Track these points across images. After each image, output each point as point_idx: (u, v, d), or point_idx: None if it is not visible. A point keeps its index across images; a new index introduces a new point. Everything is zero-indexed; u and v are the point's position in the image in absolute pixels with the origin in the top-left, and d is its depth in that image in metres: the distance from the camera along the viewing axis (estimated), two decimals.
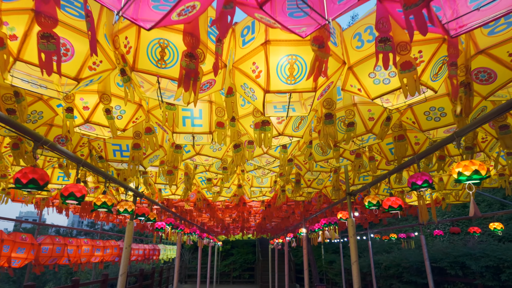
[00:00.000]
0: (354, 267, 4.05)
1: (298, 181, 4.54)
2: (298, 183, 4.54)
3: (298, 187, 4.52)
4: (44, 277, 19.14)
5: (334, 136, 2.37)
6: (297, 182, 4.54)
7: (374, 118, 2.53)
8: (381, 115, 2.51)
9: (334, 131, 2.37)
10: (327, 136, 2.37)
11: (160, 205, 5.20)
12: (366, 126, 2.55)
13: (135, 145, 2.91)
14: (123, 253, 4.05)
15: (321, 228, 6.37)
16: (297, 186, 4.53)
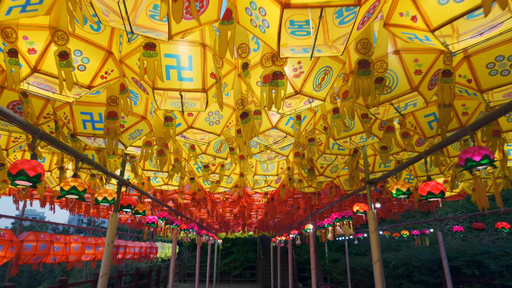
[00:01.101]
0: (376, 267, 3.44)
1: (311, 169, 3.92)
2: (312, 171, 3.92)
3: (311, 175, 3.90)
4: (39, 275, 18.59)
5: (369, 93, 1.74)
6: (310, 169, 3.92)
7: (422, 70, 1.90)
8: (433, 64, 1.88)
9: (370, 87, 1.74)
10: (359, 92, 1.75)
11: (151, 196, 4.59)
12: (410, 82, 1.92)
13: (110, 114, 2.28)
14: (104, 250, 3.44)
15: (331, 224, 5.75)
16: (311, 174, 3.91)
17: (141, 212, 4.13)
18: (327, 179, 4.25)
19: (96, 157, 3.66)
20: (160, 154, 2.82)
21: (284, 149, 3.35)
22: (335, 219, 5.22)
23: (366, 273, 13.18)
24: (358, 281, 13.91)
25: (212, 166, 3.95)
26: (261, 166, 3.98)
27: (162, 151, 2.82)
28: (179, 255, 20.38)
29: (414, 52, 1.87)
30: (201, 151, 3.23)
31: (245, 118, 2.33)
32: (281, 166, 4.03)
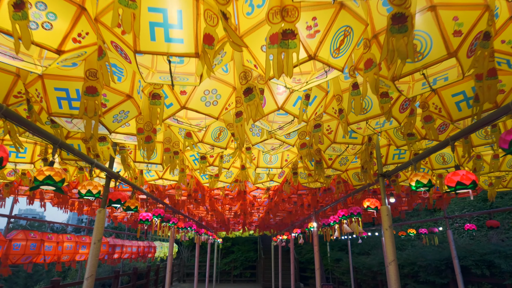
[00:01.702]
0: (391, 268, 3.11)
1: (319, 161, 3.58)
2: (320, 163, 3.58)
3: (319, 168, 3.56)
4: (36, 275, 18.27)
5: (406, 55, 1.39)
6: (318, 162, 3.58)
7: (463, 31, 1.56)
8: (475, 24, 1.54)
9: (408, 48, 1.39)
10: (394, 55, 1.40)
11: (144, 191, 4.25)
12: (448, 46, 1.57)
13: (89, 89, 1.94)
14: (90, 250, 3.11)
15: (337, 221, 5.42)
16: (318, 167, 3.57)
17: (133, 208, 3.80)
18: (335, 172, 3.91)
19: (83, 147, 3.33)
20: (147, 141, 2.48)
21: (290, 137, 3.01)
22: (342, 216, 4.88)
23: (369, 273, 12.86)
24: (361, 281, 13.59)
25: (210, 158, 3.61)
26: (263, 157, 3.64)
27: (149, 138, 2.48)
28: (178, 254, 20.07)
29: (453, 8, 1.53)
30: (197, 139, 2.89)
31: (249, 94, 2.00)
32: (286, 158, 3.69)
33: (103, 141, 2.61)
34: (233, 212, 8.50)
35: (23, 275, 18.06)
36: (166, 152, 3.25)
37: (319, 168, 3.59)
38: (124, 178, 3.56)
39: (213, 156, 3.60)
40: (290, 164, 3.85)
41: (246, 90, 2.00)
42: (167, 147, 3.22)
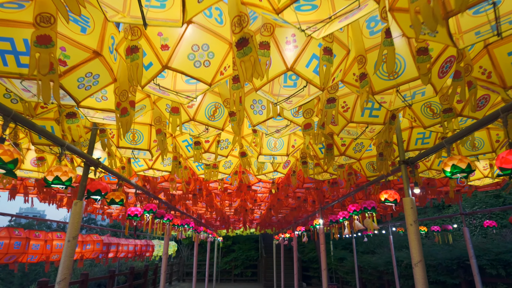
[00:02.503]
0: (417, 269, 2.65)
1: (330, 147, 3.10)
2: (331, 149, 3.10)
3: (330, 155, 3.09)
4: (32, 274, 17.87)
5: None
6: (328, 147, 3.10)
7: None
8: None
9: None
10: None
11: (132, 183, 3.79)
12: None
13: (41, 39, 1.47)
14: (64, 249, 2.66)
15: (346, 218, 4.95)
16: (329, 154, 3.09)
17: (118, 201, 3.33)
18: (348, 161, 3.44)
19: (57, 129, 2.87)
20: (123, 114, 2.00)
21: (299, 115, 2.54)
22: (354, 211, 4.40)
23: (375, 272, 12.39)
24: (366, 281, 13.12)
25: (206, 144, 3.14)
26: (267, 142, 3.16)
27: (125, 110, 2.00)
28: (178, 253, 19.65)
29: None
30: (188, 116, 2.42)
31: (244, 47, 1.53)
32: (292, 143, 3.21)
33: (72, 117, 2.14)
34: (233, 209, 8.04)
35: (19, 275, 17.66)
36: (158, 134, 2.78)
37: (329, 155, 3.11)
38: (106, 166, 3.09)
39: (209, 141, 3.13)
40: (297, 151, 3.38)
41: (240, 42, 1.52)
42: (159, 128, 2.74)
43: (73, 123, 2.11)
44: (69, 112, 2.09)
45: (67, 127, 2.10)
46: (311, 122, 2.49)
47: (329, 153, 3.10)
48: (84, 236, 8.44)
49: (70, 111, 2.09)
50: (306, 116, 2.47)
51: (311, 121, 2.49)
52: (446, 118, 2.32)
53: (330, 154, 3.10)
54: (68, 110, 2.08)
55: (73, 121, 2.11)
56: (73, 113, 2.13)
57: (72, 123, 2.11)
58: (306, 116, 2.47)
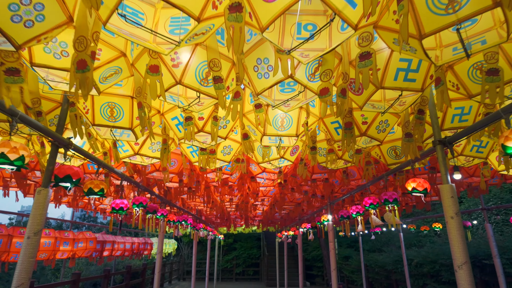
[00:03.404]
0: (462, 273, 2.13)
1: (349, 125, 2.57)
2: (350, 128, 2.56)
3: (349, 136, 2.54)
4: None
5: None
6: (347, 126, 2.56)
7: None
8: None
9: None
10: None
11: (117, 171, 3.27)
12: None
13: None
14: (22, 247, 2.16)
15: (360, 212, 4.42)
16: (348, 134, 2.55)
17: (97, 191, 2.81)
18: (369, 144, 2.90)
19: None
20: (81, 69, 1.46)
21: (316, 80, 2.01)
22: (370, 205, 3.88)
23: (382, 271, 11.88)
24: (373, 280, 12.61)
25: (199, 121, 2.61)
26: (273, 120, 2.63)
27: (83, 63, 1.46)
28: (178, 251, 19.19)
29: None
30: (173, 78, 1.89)
31: None
32: (303, 121, 2.68)
33: (14, 75, 1.60)
34: (234, 204, 7.52)
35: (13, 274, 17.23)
36: (138, 108, 2.25)
37: (348, 136, 2.57)
38: (80, 148, 2.57)
39: (203, 118, 2.60)
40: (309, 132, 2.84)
41: None
42: (140, 101, 2.22)
43: (14, 82, 1.58)
44: (10, 67, 1.57)
45: (5, 88, 1.56)
46: (329, 87, 1.96)
47: (348, 133, 2.56)
48: (76, 234, 7.95)
49: (11, 66, 1.56)
50: (324, 78, 1.94)
51: (329, 85, 1.96)
52: (493, 82, 1.79)
53: (349, 134, 2.56)
54: (10, 65, 1.55)
55: (14, 80, 1.58)
56: (16, 70, 1.59)
57: (13, 83, 1.58)
58: (324, 79, 1.94)
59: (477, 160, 3.43)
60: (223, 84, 1.75)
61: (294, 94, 2.34)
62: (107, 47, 1.93)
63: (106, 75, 2.06)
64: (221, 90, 1.74)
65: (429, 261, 9.66)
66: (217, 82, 1.76)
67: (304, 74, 1.97)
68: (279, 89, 2.29)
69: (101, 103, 2.44)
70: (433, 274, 9.61)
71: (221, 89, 1.74)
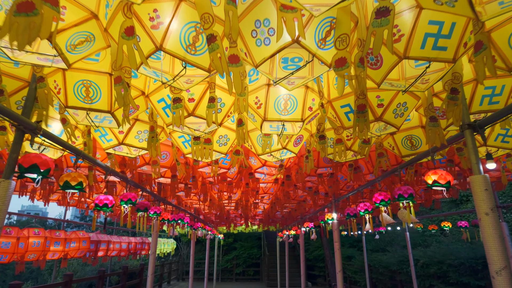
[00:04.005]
0: (501, 280, 1.79)
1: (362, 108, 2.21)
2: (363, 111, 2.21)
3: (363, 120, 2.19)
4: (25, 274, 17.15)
5: None
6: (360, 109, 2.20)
7: None
8: None
9: None
10: None
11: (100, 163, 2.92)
12: None
13: None
14: None
15: (369, 210, 4.07)
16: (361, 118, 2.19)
17: (74, 185, 2.47)
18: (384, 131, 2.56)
19: None
20: (24, 11, 1.12)
21: (328, 47, 1.67)
22: (381, 202, 3.53)
23: (387, 272, 11.54)
24: (376, 281, 12.27)
25: (190, 103, 2.26)
26: (275, 102, 2.28)
27: (30, 5, 1.12)
28: (177, 251, 18.87)
29: None
30: (153, 43, 1.54)
31: None
32: (310, 104, 2.33)
33: None
34: (233, 202, 7.17)
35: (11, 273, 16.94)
36: (116, 84, 1.89)
37: (361, 121, 2.21)
38: (50, 133, 2.23)
39: (194, 99, 2.25)
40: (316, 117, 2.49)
41: None
42: (118, 76, 1.86)
43: None
44: None
45: None
46: (347, 57, 1.61)
47: (362, 118, 2.21)
48: (69, 233, 7.62)
49: None
50: (340, 45, 1.59)
51: (346, 55, 1.61)
52: None
53: (362, 119, 2.21)
54: None
55: None
56: None
57: None
58: (339, 47, 1.59)
59: (501, 151, 3.09)
60: (218, 43, 1.40)
61: (300, 69, 2.01)
62: (74, 5, 1.58)
63: (75, 42, 1.71)
64: (216, 51, 1.39)
65: (436, 262, 9.33)
66: (211, 42, 1.41)
67: (313, 39, 1.62)
68: (281, 66, 1.95)
69: (75, 81, 2.10)
70: (440, 275, 9.27)
71: (215, 50, 1.39)
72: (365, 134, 2.16)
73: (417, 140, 2.97)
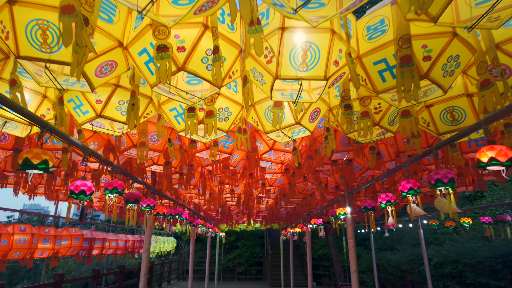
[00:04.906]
0: None
1: (407, 60, 1.67)
2: (409, 64, 1.67)
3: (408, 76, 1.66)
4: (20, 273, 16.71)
5: None
6: (405, 61, 1.67)
7: None
8: None
9: None
10: None
11: (75, 141, 2.41)
12: None
13: None
14: None
15: (392, 201, 3.54)
16: (407, 73, 1.66)
17: (36, 164, 1.96)
18: (422, 98, 2.02)
19: None
20: None
21: None
22: (409, 190, 3.00)
23: (396, 271, 10.99)
24: (385, 281, 11.74)
25: (179, 53, 1.73)
26: (291, 53, 1.74)
27: None
28: (177, 250, 18.40)
29: None
30: None
31: None
32: (336, 58, 1.80)
33: None
34: (235, 197, 6.66)
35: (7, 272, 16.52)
36: (65, 14, 1.35)
37: (407, 76, 1.67)
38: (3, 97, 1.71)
39: (184, 48, 1.72)
40: (341, 79, 1.96)
41: None
42: (67, 4, 1.32)
43: None
44: None
45: None
46: None
47: (408, 73, 1.66)
48: (60, 230, 7.14)
49: None
50: None
51: None
52: None
53: (409, 74, 1.66)
54: None
55: None
56: None
57: None
58: None
59: None
60: None
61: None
62: None
63: None
64: None
65: (451, 261, 8.78)
66: None
67: None
68: None
69: (26, 20, 1.58)
70: (455, 274, 8.73)
71: None
72: (414, 95, 1.62)
73: (460, 113, 2.44)
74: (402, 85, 1.68)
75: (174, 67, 1.73)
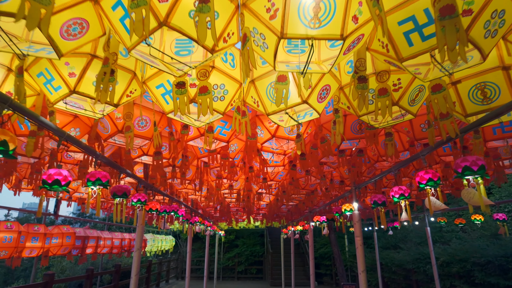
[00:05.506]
0: None
1: (449, 10, 1.33)
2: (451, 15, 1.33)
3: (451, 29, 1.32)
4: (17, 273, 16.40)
5: None
6: (446, 11, 1.33)
7: None
8: None
9: None
10: None
11: (45, 121, 2.09)
12: None
13: None
14: None
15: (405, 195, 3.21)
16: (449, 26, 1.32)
17: None
18: (458, 67, 1.69)
19: None
20: None
21: None
22: (428, 181, 2.67)
23: (400, 271, 10.69)
24: (389, 280, 11.43)
25: (160, 3, 1.39)
26: (300, 5, 1.41)
27: None
28: (176, 248, 18.09)
29: None
30: None
31: None
32: (355, 11, 1.47)
33: None
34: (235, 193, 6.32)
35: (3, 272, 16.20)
36: None
37: (451, 31, 1.33)
38: None
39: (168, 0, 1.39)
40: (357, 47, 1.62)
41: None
42: None
43: None
44: None
45: None
46: None
47: (451, 27, 1.32)
48: (51, 228, 6.81)
49: None
50: None
51: None
52: None
53: (452, 28, 1.32)
54: None
55: None
56: None
57: None
58: None
59: None
60: None
61: None
62: None
63: None
64: None
65: (458, 260, 8.46)
66: None
67: None
68: None
69: None
70: (462, 274, 8.41)
71: None
72: (461, 53, 1.29)
73: (494, 90, 2.10)
74: (444, 44, 1.34)
75: (154, 22, 1.39)
